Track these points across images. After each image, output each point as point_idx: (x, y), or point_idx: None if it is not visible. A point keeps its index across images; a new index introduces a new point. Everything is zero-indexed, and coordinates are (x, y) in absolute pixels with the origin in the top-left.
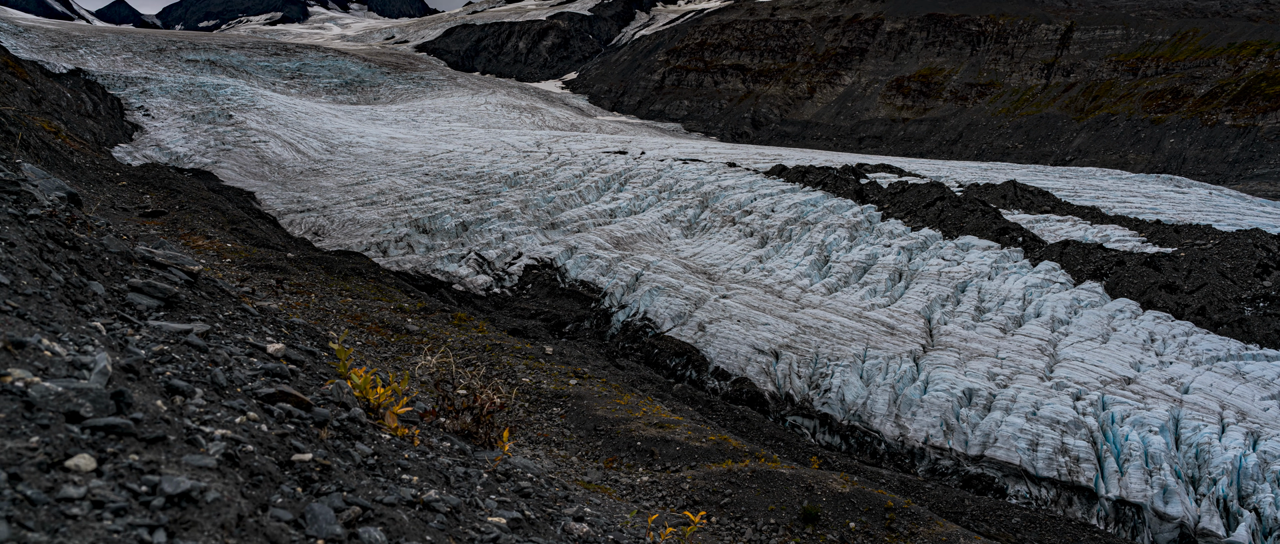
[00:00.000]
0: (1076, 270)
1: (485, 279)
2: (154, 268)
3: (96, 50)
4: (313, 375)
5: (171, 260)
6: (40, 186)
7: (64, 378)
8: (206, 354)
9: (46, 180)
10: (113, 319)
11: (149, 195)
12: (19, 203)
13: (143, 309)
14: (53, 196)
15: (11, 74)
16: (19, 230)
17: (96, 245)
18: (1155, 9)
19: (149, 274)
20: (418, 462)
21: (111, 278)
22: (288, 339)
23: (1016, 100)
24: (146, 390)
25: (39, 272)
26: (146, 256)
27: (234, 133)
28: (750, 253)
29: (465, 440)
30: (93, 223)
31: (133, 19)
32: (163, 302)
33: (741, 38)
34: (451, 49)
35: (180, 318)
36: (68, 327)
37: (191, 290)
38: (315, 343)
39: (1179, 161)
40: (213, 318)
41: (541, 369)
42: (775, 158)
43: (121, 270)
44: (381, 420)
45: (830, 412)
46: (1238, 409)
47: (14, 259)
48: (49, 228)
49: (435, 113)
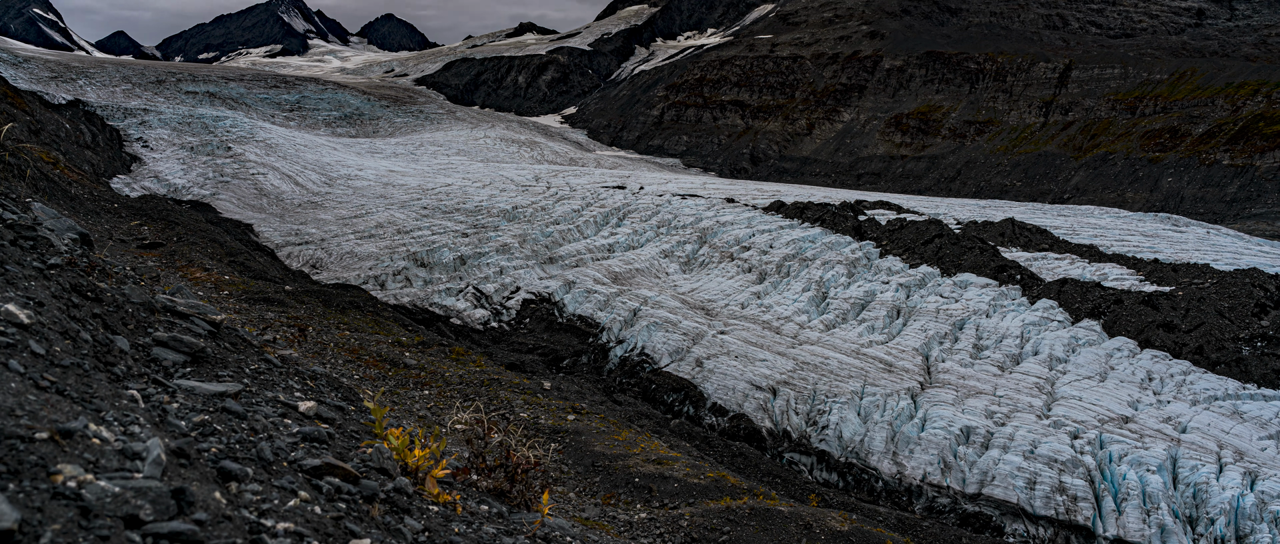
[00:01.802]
0: (1074, 309)
1: (483, 313)
2: (176, 319)
3: (96, 81)
4: (345, 433)
5: (193, 310)
6: (53, 228)
7: (117, 472)
8: (245, 421)
9: (58, 220)
10: (145, 382)
11: (147, 227)
12: (36, 249)
13: (169, 366)
14: (66, 239)
15: (10, 104)
16: (44, 286)
17: (118, 296)
18: (1153, 48)
19: (172, 326)
20: (466, 535)
21: (135, 331)
22: (314, 392)
23: (1015, 138)
24: (201, 478)
25: (69, 333)
26: (168, 306)
27: (233, 165)
28: (748, 289)
29: (499, 500)
30: (111, 268)
31: (132, 50)
32: (189, 356)
33: (741, 74)
34: (451, 83)
35: (208, 374)
36: (109, 402)
37: (215, 342)
38: (340, 394)
39: (1177, 200)
40: (240, 372)
41: (539, 404)
42: (774, 194)
43: (145, 322)
44: (422, 486)
45: (828, 449)
46: (1235, 449)
47: (44, 321)
48: (71, 279)
49: (434, 146)
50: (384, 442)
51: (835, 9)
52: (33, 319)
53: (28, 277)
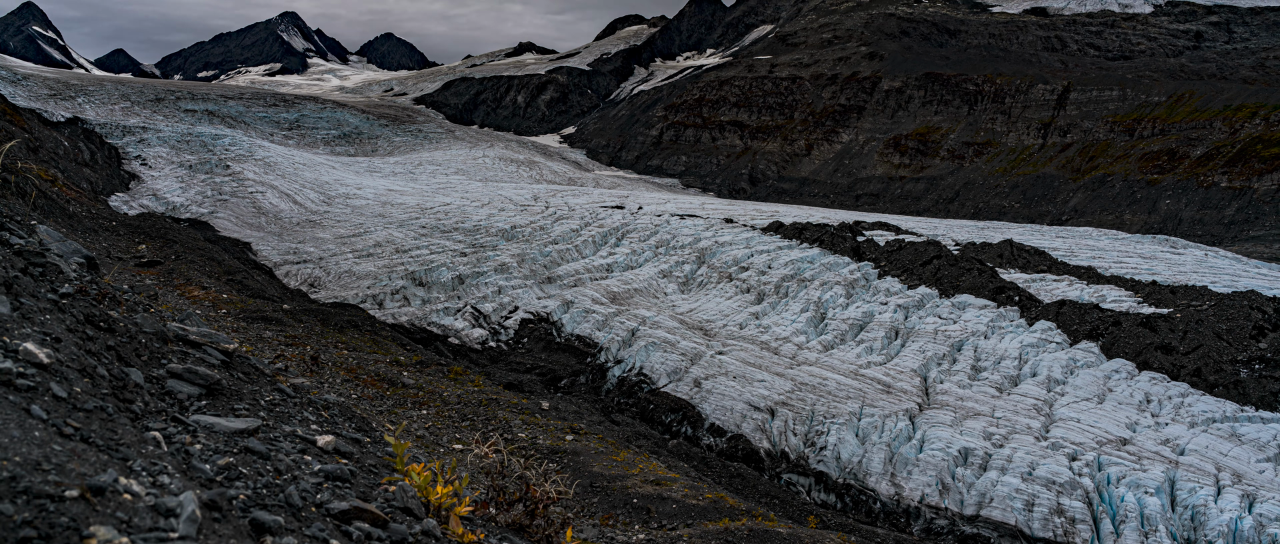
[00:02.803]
0: (1073, 330)
1: (481, 333)
2: (189, 348)
3: (94, 99)
4: (364, 467)
5: (206, 339)
6: (60, 251)
7: (151, 532)
8: (269, 461)
9: (64, 244)
10: (164, 420)
11: (145, 245)
12: (46, 276)
13: (184, 399)
14: (73, 263)
15: (9, 122)
16: (59, 319)
17: (131, 325)
18: (1151, 71)
19: (185, 356)
20: None
21: (149, 362)
22: (330, 424)
23: (1013, 159)
24: (236, 533)
25: (87, 370)
26: (180, 335)
27: (231, 183)
28: (747, 309)
29: (518, 535)
30: (121, 296)
31: (131, 68)
32: (204, 388)
33: (739, 94)
34: (450, 102)
35: (224, 407)
36: (135, 449)
37: (228, 372)
38: (354, 425)
39: (1175, 222)
40: (255, 405)
41: (538, 424)
42: (772, 214)
43: (158, 353)
44: (446, 525)
45: (826, 469)
46: (1234, 471)
47: (62, 359)
48: (84, 309)
49: (433, 165)
50: (406, 478)
51: (834, 30)
52: (52, 358)
53: (42, 309)
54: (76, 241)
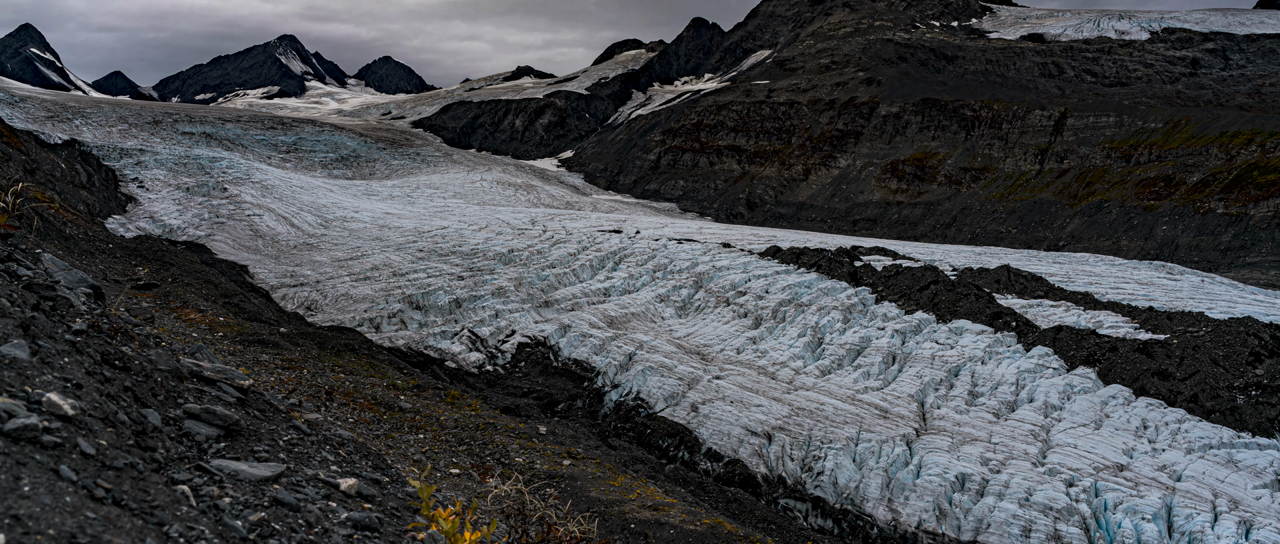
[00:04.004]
0: (1069, 356)
1: (478, 356)
2: (204, 386)
3: (92, 121)
4: (387, 510)
5: (220, 375)
6: (66, 281)
7: None
8: (299, 513)
9: (69, 273)
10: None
11: (142, 267)
12: (57, 311)
13: (202, 441)
14: (81, 294)
15: (6, 143)
16: (77, 361)
17: (145, 362)
18: (1148, 97)
19: (201, 394)
20: None
21: (165, 402)
22: (348, 464)
23: (1010, 185)
24: None
25: (110, 419)
26: (194, 371)
27: (228, 206)
28: (744, 334)
29: None
30: (133, 330)
31: (129, 90)
32: (222, 429)
33: (737, 119)
34: (448, 126)
35: (244, 449)
36: (169, 511)
37: (244, 409)
38: (371, 463)
39: (1172, 249)
40: (275, 446)
41: (535, 449)
42: (770, 239)
43: (174, 392)
44: None
45: (823, 495)
46: (1230, 497)
47: (85, 407)
48: (99, 347)
49: (430, 189)
50: (433, 524)
51: (832, 56)
52: (76, 409)
53: (61, 351)
54: (80, 270)
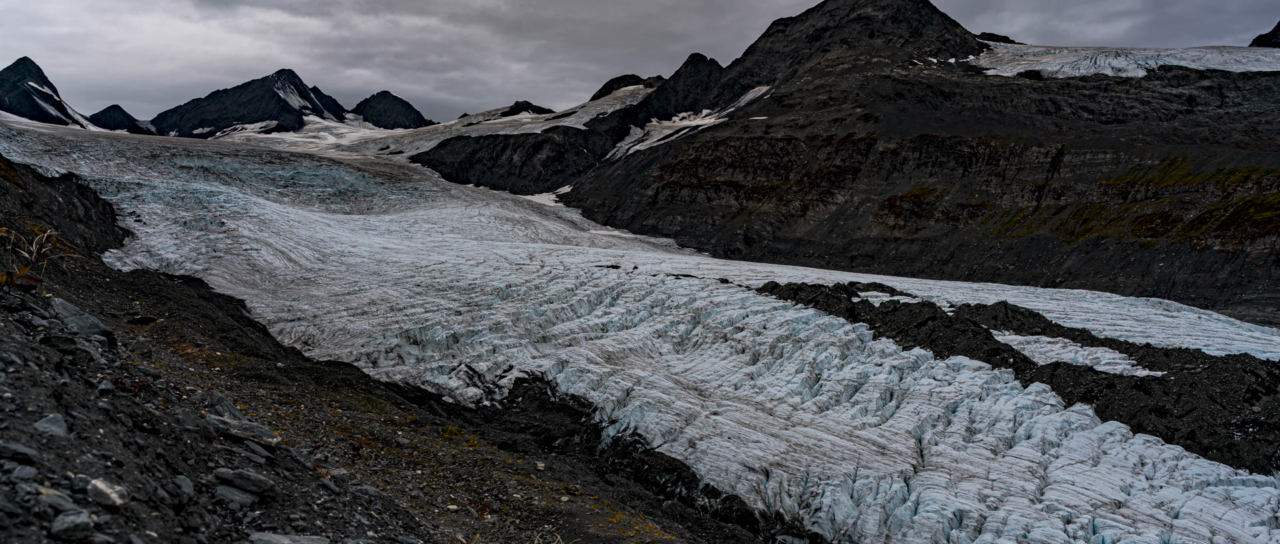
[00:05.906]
0: (1067, 392)
1: (475, 392)
2: (233, 444)
3: (90, 155)
4: None
5: (247, 432)
6: (78, 327)
7: None
8: None
9: (81, 318)
10: None
11: (139, 301)
12: (78, 366)
13: (237, 510)
14: (96, 342)
15: (3, 177)
16: (113, 433)
17: (173, 423)
18: (1145, 134)
19: (231, 455)
20: None
21: (196, 467)
22: (381, 526)
23: (1008, 222)
24: None
25: (153, 501)
26: (222, 429)
27: (226, 240)
28: (742, 370)
29: None
30: (155, 386)
31: (127, 124)
32: (256, 496)
33: (735, 155)
34: (446, 160)
35: (281, 518)
36: None
37: (273, 470)
38: (402, 522)
39: (1168, 285)
40: (310, 512)
41: (533, 485)
42: (768, 275)
43: (204, 454)
44: None
45: (820, 531)
46: (1228, 535)
47: (128, 491)
48: (129, 409)
49: (428, 223)
50: None
51: (830, 92)
52: (123, 498)
53: (96, 423)
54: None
